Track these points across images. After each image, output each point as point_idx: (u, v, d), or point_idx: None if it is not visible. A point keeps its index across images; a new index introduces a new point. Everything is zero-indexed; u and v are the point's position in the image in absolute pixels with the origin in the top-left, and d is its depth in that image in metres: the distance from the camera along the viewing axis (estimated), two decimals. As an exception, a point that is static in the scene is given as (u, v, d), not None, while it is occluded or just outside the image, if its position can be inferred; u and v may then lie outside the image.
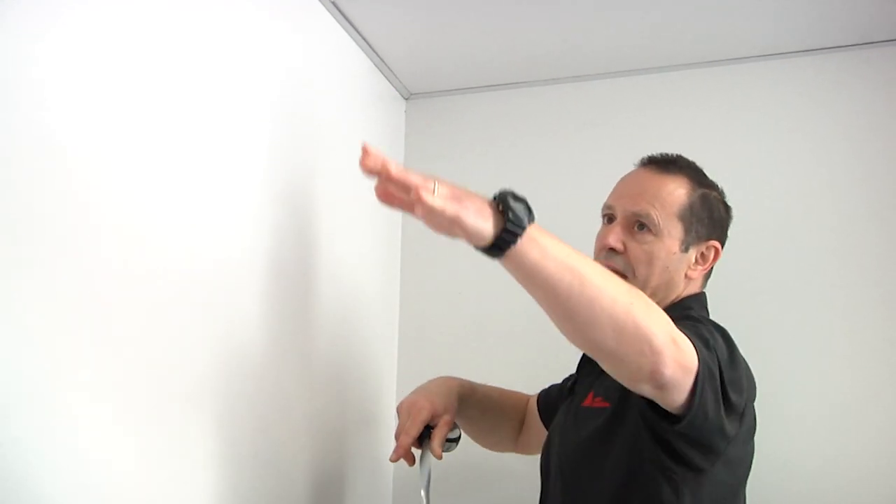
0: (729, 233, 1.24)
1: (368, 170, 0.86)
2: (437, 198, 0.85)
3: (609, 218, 1.22)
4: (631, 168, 1.25)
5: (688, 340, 0.93)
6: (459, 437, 1.33)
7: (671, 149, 1.24)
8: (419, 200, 0.85)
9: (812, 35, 1.57)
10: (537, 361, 1.56)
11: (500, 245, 0.87)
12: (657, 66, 1.69)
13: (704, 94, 1.67)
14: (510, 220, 0.86)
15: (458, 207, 0.86)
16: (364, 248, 1.62)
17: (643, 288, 1.14)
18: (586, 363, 1.27)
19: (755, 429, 1.13)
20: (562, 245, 0.89)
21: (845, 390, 1.48)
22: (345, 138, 1.54)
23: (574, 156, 1.73)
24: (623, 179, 1.23)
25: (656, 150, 1.26)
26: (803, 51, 1.61)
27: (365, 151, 0.86)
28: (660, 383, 0.91)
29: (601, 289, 0.88)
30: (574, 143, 1.74)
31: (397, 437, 1.24)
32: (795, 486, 1.45)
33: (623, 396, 1.07)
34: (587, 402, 1.18)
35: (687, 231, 1.16)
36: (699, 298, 1.21)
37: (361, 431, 1.58)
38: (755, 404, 1.12)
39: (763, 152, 1.60)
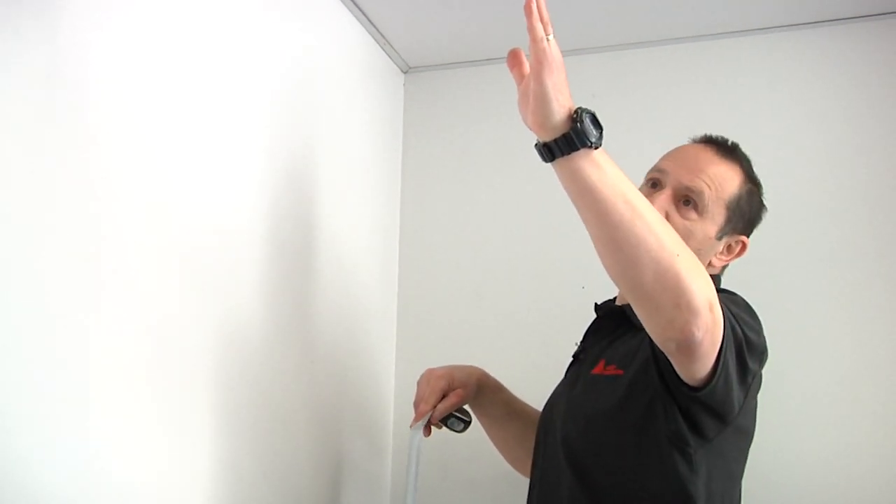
0: None
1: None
2: (555, 49, 0.90)
3: (654, 182, 1.18)
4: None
5: (721, 312, 0.92)
6: (470, 420, 1.32)
7: (672, 121, 1.23)
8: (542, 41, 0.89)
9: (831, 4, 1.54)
10: (538, 348, 1.55)
11: (552, 149, 0.88)
12: (658, 39, 1.68)
13: (707, 67, 1.65)
14: (574, 130, 0.87)
15: (563, 79, 0.89)
16: (363, 221, 1.61)
17: None
18: (595, 331, 1.24)
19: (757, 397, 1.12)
20: (625, 178, 0.89)
21: (846, 376, 1.46)
22: (343, 112, 1.53)
23: (573, 129, 1.72)
24: (681, 150, 1.20)
25: (657, 123, 1.24)
26: (816, 22, 1.58)
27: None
28: (688, 344, 0.89)
29: (652, 229, 0.87)
30: (573, 117, 1.73)
31: (416, 405, 1.26)
32: (792, 478, 1.43)
33: (639, 365, 1.06)
34: (598, 369, 1.15)
35: (728, 221, 1.15)
36: (716, 279, 1.20)
37: (360, 419, 1.59)
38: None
39: (768, 128, 1.58)
